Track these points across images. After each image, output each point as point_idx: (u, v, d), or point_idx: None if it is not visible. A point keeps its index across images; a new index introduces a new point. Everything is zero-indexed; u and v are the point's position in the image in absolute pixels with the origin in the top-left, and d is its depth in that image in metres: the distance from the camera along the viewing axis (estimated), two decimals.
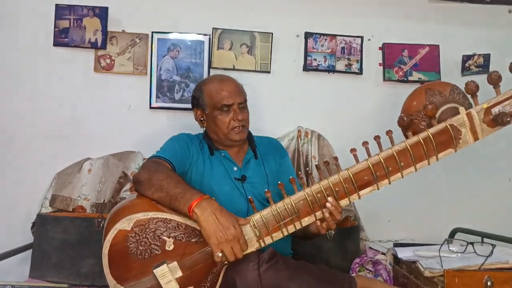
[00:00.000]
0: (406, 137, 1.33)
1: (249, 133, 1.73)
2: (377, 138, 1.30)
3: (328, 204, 1.30)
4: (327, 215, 1.30)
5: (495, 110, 1.29)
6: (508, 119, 1.26)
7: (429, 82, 1.72)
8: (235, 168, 1.64)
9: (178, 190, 1.31)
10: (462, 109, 1.31)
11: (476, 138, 1.31)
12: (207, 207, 1.26)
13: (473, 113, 1.30)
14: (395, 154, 1.30)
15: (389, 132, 1.30)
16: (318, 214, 1.32)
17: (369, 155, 1.32)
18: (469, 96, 1.32)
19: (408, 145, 1.30)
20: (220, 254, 1.25)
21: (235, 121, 1.60)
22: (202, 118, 1.68)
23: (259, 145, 1.72)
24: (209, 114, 1.64)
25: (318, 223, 1.33)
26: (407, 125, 1.32)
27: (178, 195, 1.29)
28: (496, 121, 1.28)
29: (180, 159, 1.55)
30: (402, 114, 1.37)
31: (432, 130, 1.30)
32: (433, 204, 2.18)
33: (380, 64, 2.25)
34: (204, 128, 1.73)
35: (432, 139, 1.30)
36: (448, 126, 1.30)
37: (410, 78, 2.23)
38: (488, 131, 1.31)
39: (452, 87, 1.66)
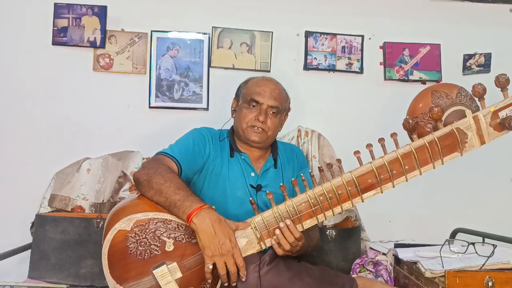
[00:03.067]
0: (412, 139, 1.30)
1: (275, 141, 1.70)
2: (381, 140, 1.28)
3: (277, 231, 1.27)
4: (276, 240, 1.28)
5: (503, 113, 1.27)
6: None
7: (435, 84, 1.70)
8: (252, 174, 1.60)
9: (178, 196, 1.28)
10: (469, 112, 1.29)
11: (482, 142, 1.29)
12: (206, 217, 1.25)
13: (480, 117, 1.28)
14: (399, 157, 1.27)
15: (393, 135, 1.28)
16: (320, 216, 1.31)
17: (372, 157, 1.29)
18: (476, 98, 1.29)
19: (413, 148, 1.27)
20: (210, 267, 1.24)
21: (256, 120, 1.57)
22: (234, 108, 1.68)
23: (281, 153, 1.69)
24: (240, 105, 1.64)
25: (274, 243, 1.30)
26: (412, 127, 1.29)
27: (177, 202, 1.27)
28: (504, 125, 1.26)
29: (191, 158, 1.50)
30: (408, 117, 1.35)
31: (438, 133, 1.27)
32: (434, 205, 2.18)
33: (380, 63, 2.24)
34: (231, 125, 1.71)
35: (437, 142, 1.27)
36: (454, 129, 1.28)
37: (411, 77, 2.22)
38: (495, 135, 1.28)
39: (459, 89, 1.64)
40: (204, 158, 1.56)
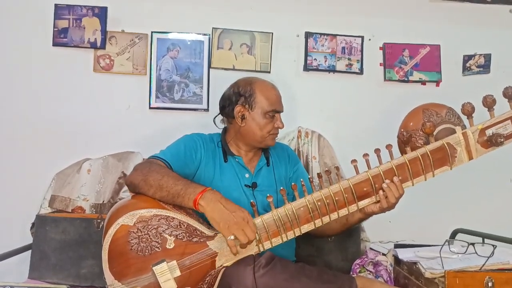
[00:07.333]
0: (404, 152, 1.37)
1: None
2: (377, 151, 1.34)
3: (384, 185, 1.33)
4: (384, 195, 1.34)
5: (489, 132, 1.36)
6: (502, 139, 1.33)
7: (426, 103, 1.85)
8: (246, 175, 1.62)
9: (179, 187, 1.31)
10: (458, 129, 1.38)
11: (470, 158, 1.38)
12: (212, 197, 1.29)
13: (468, 133, 1.37)
14: (394, 168, 1.34)
15: (389, 146, 1.34)
16: (317, 222, 1.34)
17: (368, 167, 1.35)
18: (465, 116, 1.38)
19: (406, 160, 1.35)
20: (232, 237, 1.25)
21: (276, 128, 1.61)
22: (242, 115, 1.60)
23: (272, 152, 1.71)
24: (254, 114, 1.59)
25: (375, 200, 1.36)
26: (407, 140, 1.36)
27: (180, 191, 1.31)
28: (491, 141, 1.35)
29: (182, 162, 1.51)
30: (402, 130, 1.44)
31: (429, 147, 1.35)
32: (434, 205, 2.17)
33: (380, 64, 2.24)
34: (224, 127, 1.71)
35: (429, 155, 1.35)
36: (445, 144, 1.36)
37: (411, 78, 2.22)
38: (482, 151, 1.38)
39: (448, 109, 1.75)
40: (196, 163, 1.57)
